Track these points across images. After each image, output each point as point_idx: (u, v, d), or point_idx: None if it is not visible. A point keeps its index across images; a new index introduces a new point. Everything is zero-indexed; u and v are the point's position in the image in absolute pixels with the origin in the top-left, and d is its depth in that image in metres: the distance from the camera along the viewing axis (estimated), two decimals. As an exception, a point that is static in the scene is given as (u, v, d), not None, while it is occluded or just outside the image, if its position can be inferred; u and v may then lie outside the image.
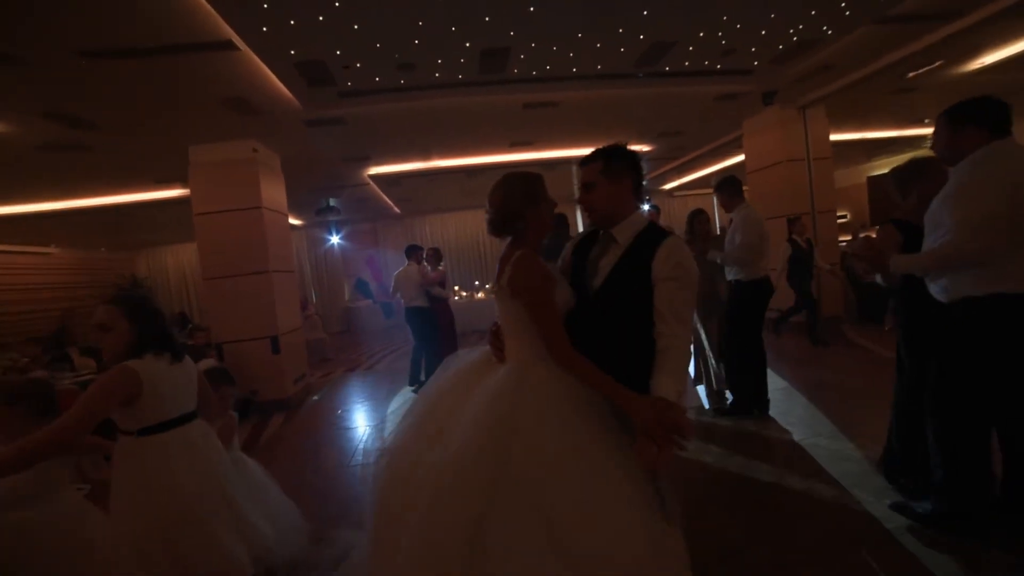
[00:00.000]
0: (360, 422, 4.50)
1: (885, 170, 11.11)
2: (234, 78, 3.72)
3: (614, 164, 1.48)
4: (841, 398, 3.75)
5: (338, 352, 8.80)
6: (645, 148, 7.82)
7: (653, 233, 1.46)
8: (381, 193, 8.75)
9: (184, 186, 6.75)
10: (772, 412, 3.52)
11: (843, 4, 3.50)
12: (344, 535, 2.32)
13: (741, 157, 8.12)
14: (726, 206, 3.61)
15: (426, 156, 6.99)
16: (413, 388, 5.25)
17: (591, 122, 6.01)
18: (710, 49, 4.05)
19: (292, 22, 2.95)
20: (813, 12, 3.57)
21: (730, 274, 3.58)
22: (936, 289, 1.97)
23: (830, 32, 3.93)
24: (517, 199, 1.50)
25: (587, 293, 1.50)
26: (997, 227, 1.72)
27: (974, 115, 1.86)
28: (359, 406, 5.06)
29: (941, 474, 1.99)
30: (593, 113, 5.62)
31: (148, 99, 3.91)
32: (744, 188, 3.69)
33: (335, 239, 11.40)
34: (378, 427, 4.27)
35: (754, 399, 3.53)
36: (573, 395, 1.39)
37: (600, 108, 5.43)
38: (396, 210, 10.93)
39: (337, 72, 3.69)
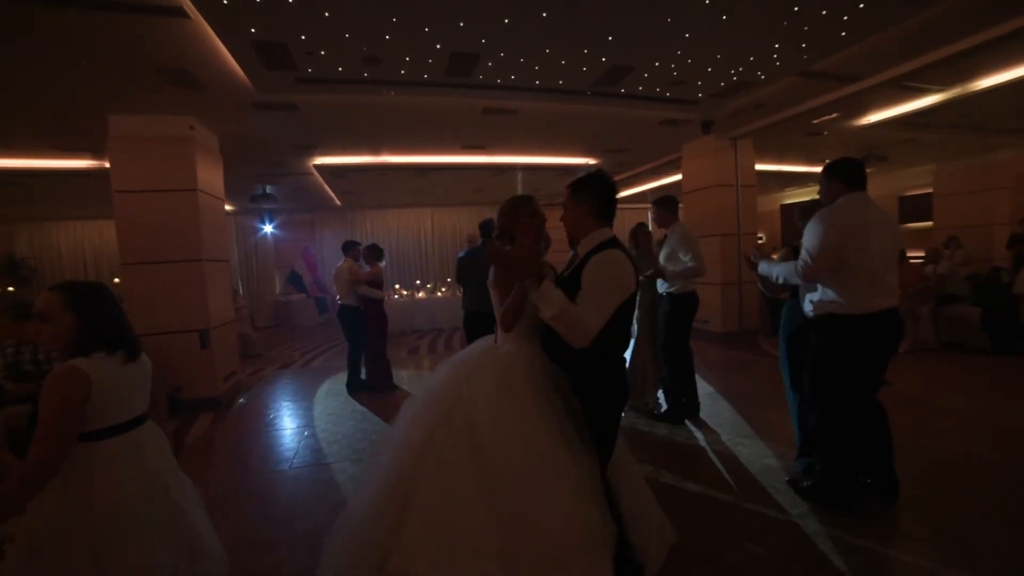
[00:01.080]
0: (295, 423, 4.29)
1: (795, 199, 12.53)
2: (178, 48, 3.42)
3: (579, 192, 1.77)
4: (757, 402, 4.20)
5: (268, 348, 8.27)
6: (592, 161, 8.19)
7: (598, 247, 1.68)
8: (324, 184, 8.37)
9: (95, 158, 6.06)
10: (702, 415, 3.88)
11: (775, 56, 3.97)
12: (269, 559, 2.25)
13: (676, 177, 8.82)
14: (662, 222, 3.89)
15: (376, 151, 6.82)
16: (350, 391, 5.08)
17: (545, 133, 6.22)
18: (662, 77, 4.38)
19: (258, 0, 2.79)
20: (752, 59, 4.01)
21: (663, 287, 3.84)
22: (807, 307, 2.50)
23: (763, 77, 4.42)
24: (507, 215, 1.89)
25: None
26: (822, 259, 2.30)
27: (837, 171, 2.43)
28: (294, 406, 4.81)
29: (823, 463, 2.50)
30: (548, 124, 5.81)
31: (67, 56, 3.45)
32: (679, 207, 4.03)
33: (268, 228, 10.70)
34: (313, 428, 4.10)
35: (687, 404, 3.85)
36: (533, 377, 1.70)
37: (555, 120, 5.63)
38: (337, 202, 10.49)
39: (298, 57, 3.53)
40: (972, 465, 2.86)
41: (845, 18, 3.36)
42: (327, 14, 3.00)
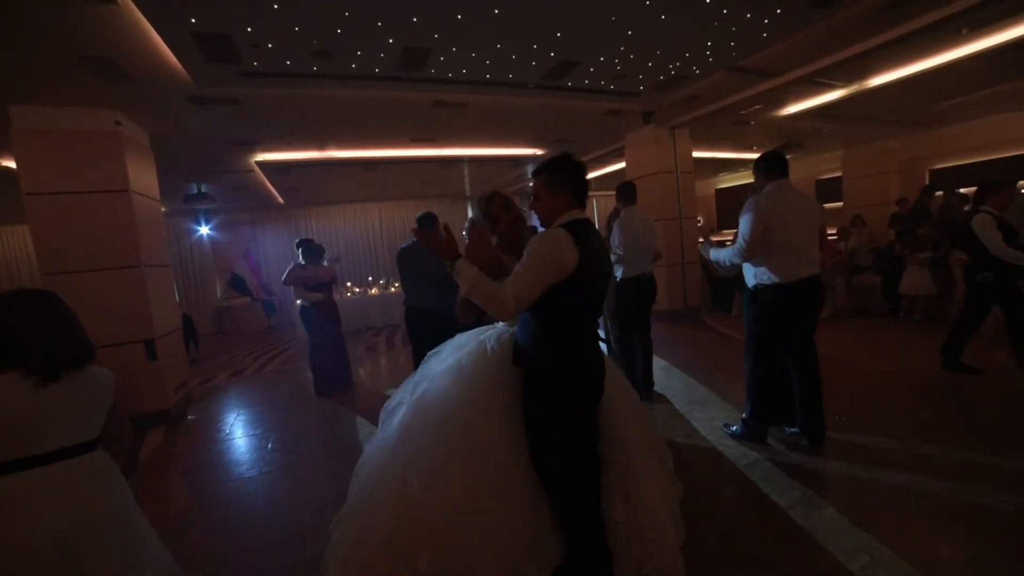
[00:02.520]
0: (258, 428, 4.17)
1: (727, 184, 13.46)
2: (103, 36, 3.15)
3: (553, 177, 1.74)
4: (705, 372, 4.61)
5: (216, 355, 7.84)
6: (539, 152, 8.39)
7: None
8: (266, 181, 7.99)
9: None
10: (657, 387, 4.20)
11: (708, 53, 4.31)
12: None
13: (620, 165, 9.23)
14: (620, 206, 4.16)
15: (322, 145, 6.61)
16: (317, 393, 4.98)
17: (494, 125, 6.31)
18: (607, 71, 4.61)
19: (200, -9, 2.68)
20: (687, 55, 4.32)
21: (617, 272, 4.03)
22: (748, 280, 2.93)
23: (698, 72, 4.77)
24: (482, 204, 2.10)
25: None
26: (754, 240, 2.71)
27: (759, 164, 2.87)
28: (254, 411, 4.67)
29: (748, 404, 2.96)
30: (498, 116, 5.91)
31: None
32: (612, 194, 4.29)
33: (205, 230, 10.03)
34: (279, 432, 4.03)
35: (645, 383, 4.08)
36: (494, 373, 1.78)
37: (505, 112, 5.74)
38: (280, 200, 10.03)
39: (244, 50, 3.40)
40: (879, 406, 3.35)
41: (766, 21, 3.73)
42: (276, 6, 2.92)
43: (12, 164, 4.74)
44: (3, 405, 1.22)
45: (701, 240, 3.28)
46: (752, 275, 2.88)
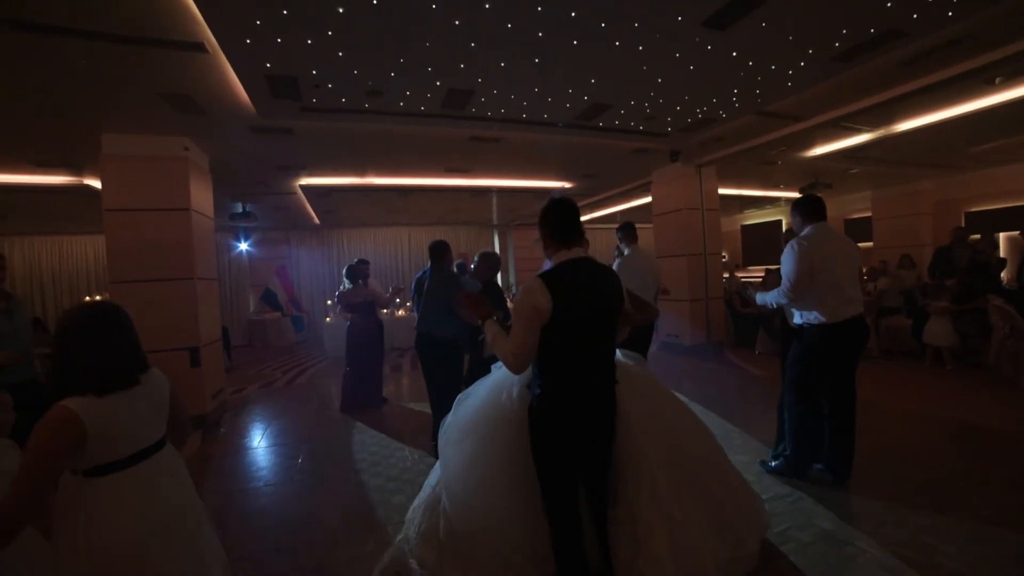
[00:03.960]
0: (290, 438, 4.36)
1: (753, 221, 13.46)
2: (187, 77, 3.59)
3: (540, 224, 1.87)
4: (725, 407, 4.61)
5: (245, 367, 8.16)
6: (567, 185, 8.66)
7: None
8: (307, 203, 8.47)
9: (69, 173, 5.99)
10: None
11: (734, 99, 4.52)
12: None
13: (645, 200, 9.43)
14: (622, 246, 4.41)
15: (362, 172, 7.03)
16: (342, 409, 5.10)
17: (525, 159, 6.62)
18: (636, 114, 4.86)
19: (279, 40, 3.03)
20: (714, 100, 4.54)
21: None
22: (795, 319, 2.97)
23: (724, 115, 4.97)
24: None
25: None
26: (798, 281, 2.78)
27: (797, 207, 2.98)
28: (284, 424, 4.87)
29: (791, 441, 2.98)
30: (529, 152, 6.21)
31: (73, 80, 3.52)
32: (647, 227, 4.47)
33: (244, 246, 10.58)
34: (312, 444, 4.20)
35: None
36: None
37: (537, 148, 6.04)
38: (316, 221, 10.54)
39: (306, 88, 3.77)
40: (904, 448, 3.31)
41: (790, 72, 3.92)
42: (340, 53, 3.27)
43: (95, 183, 5.27)
44: (109, 412, 1.31)
45: (745, 291, 3.42)
46: (798, 315, 2.93)
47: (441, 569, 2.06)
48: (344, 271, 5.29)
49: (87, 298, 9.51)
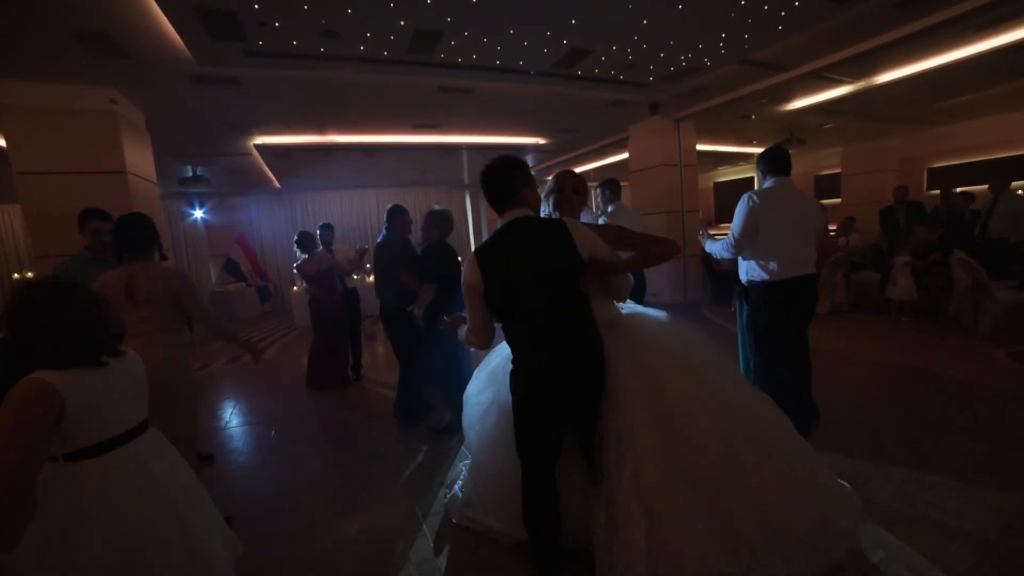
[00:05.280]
0: (259, 418, 4.13)
1: (727, 178, 13.47)
2: (103, 10, 3.05)
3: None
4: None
5: (209, 342, 7.74)
6: (541, 141, 8.31)
7: None
8: (264, 165, 7.84)
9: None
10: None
11: (721, 45, 4.27)
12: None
13: (620, 156, 9.20)
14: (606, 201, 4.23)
15: (321, 130, 6.49)
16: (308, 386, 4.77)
17: (498, 112, 6.23)
18: (618, 61, 4.55)
19: (209, -35, 2.58)
20: (700, 46, 4.27)
21: None
22: (742, 276, 2.96)
23: (709, 64, 4.72)
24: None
25: None
26: (741, 236, 2.75)
27: (760, 160, 2.87)
28: (254, 401, 4.63)
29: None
30: (502, 104, 5.83)
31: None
32: (624, 184, 4.29)
33: (199, 214, 9.84)
34: (282, 424, 3.99)
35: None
36: None
37: (510, 100, 5.66)
38: (276, 185, 9.85)
39: (249, 28, 3.29)
40: (877, 400, 3.39)
41: (783, 13, 3.68)
42: (286, -17, 2.83)
43: (2, 142, 4.60)
44: (91, 386, 1.27)
45: (701, 232, 3.28)
46: (744, 271, 2.91)
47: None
48: (295, 239, 4.71)
49: (15, 275, 8.75)
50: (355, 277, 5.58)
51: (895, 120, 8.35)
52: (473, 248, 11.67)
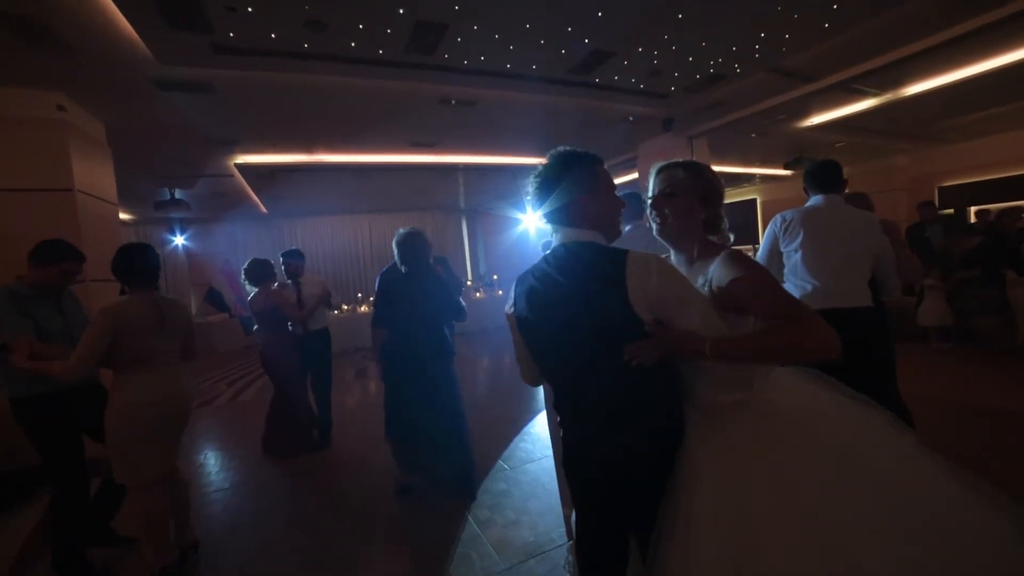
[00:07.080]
0: (226, 476, 3.41)
1: (729, 200, 13.16)
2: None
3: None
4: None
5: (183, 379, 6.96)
6: (544, 161, 7.86)
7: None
8: (248, 188, 7.27)
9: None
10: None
11: (757, 47, 3.82)
12: None
13: (629, 176, 8.81)
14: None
15: (309, 148, 5.96)
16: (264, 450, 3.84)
17: (502, 127, 5.75)
18: (641, 66, 4.08)
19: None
20: (734, 48, 3.82)
21: None
22: None
23: (739, 70, 4.28)
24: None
25: None
26: (766, 258, 2.45)
27: (807, 174, 2.49)
28: (224, 453, 3.90)
29: None
30: (507, 119, 5.38)
31: None
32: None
33: (180, 240, 9.19)
34: (253, 486, 3.27)
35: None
36: None
37: (515, 114, 5.20)
38: (262, 209, 9.28)
39: (216, 14, 2.75)
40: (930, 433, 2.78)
41: (835, 7, 3.24)
42: (258, -47, 2.31)
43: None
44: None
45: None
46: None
47: None
48: (243, 268, 3.84)
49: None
50: (335, 311, 4.79)
51: (905, 137, 8.05)
52: (469, 279, 11.05)
